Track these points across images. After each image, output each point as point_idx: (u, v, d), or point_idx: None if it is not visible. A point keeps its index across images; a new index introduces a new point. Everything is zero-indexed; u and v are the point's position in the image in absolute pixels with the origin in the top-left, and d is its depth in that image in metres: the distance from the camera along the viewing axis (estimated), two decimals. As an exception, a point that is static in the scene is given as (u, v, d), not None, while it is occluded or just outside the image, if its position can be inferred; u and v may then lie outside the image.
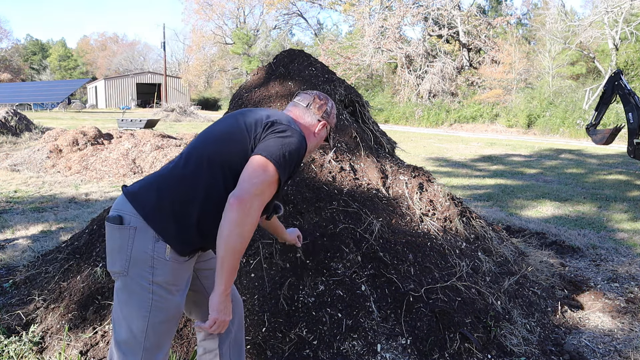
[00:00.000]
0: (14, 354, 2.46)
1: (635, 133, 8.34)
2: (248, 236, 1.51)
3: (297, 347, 2.30)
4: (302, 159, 1.67)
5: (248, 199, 1.49)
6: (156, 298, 1.57)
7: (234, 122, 1.69)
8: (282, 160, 1.56)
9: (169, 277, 1.58)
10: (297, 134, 1.64)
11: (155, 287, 1.56)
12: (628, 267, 4.08)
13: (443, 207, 3.32)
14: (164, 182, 1.63)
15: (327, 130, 1.87)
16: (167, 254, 1.55)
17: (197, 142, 1.70)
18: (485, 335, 2.57)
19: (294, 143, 1.60)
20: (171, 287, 1.59)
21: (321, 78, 3.66)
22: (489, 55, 25.63)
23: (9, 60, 53.41)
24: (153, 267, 1.55)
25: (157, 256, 1.55)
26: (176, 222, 1.57)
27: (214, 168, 1.61)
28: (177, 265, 1.59)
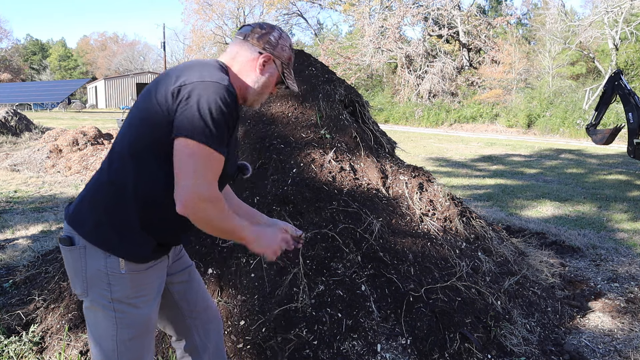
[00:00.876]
0: (14, 354, 2.46)
1: (635, 133, 8.34)
2: (220, 218, 1.38)
3: (297, 347, 2.30)
4: (234, 106, 1.38)
5: (190, 197, 1.33)
6: (119, 315, 1.46)
7: (148, 100, 1.42)
8: (207, 130, 1.32)
9: (129, 291, 1.46)
10: (209, 88, 1.34)
11: (115, 304, 1.45)
12: (628, 267, 4.08)
13: (443, 207, 3.32)
14: (94, 193, 1.48)
15: (278, 67, 1.54)
16: (122, 267, 1.43)
17: (117, 137, 1.50)
18: (485, 335, 2.57)
19: (211, 101, 1.33)
20: (134, 301, 1.47)
21: (321, 78, 3.66)
22: (489, 55, 25.63)
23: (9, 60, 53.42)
24: (110, 284, 1.44)
25: (111, 272, 1.43)
26: (119, 232, 1.43)
27: (139, 160, 1.42)
28: (137, 275, 1.46)
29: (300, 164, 3.06)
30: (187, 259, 1.77)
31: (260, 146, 3.18)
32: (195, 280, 1.77)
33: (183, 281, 1.71)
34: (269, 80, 1.54)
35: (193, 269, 1.78)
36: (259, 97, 1.56)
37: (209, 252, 2.72)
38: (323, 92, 3.53)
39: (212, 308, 1.81)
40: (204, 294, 1.79)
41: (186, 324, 1.74)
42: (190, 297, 1.73)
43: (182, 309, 1.72)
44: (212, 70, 1.41)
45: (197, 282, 1.77)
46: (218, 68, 1.44)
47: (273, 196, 2.86)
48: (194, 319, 1.74)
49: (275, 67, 1.54)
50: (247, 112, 3.56)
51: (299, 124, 3.35)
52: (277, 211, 2.80)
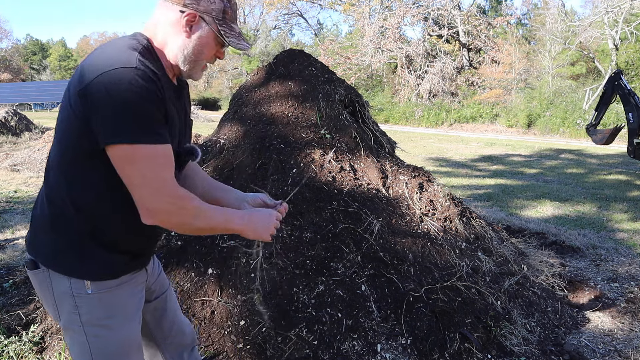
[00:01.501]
0: (14, 354, 2.46)
1: (635, 133, 8.34)
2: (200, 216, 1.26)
3: (297, 347, 2.30)
4: (152, 86, 1.17)
5: (152, 207, 1.20)
6: (92, 340, 1.33)
7: (65, 107, 1.24)
8: (132, 127, 1.14)
9: (99, 312, 1.32)
10: (114, 77, 1.12)
11: (86, 327, 1.32)
12: (628, 267, 4.08)
13: (443, 207, 3.32)
14: (41, 213, 1.33)
15: (211, 24, 1.29)
16: (88, 287, 1.29)
17: (51, 147, 1.33)
18: (485, 335, 2.57)
19: (122, 92, 1.12)
20: (106, 322, 1.33)
21: (321, 78, 3.66)
22: (489, 55, 25.63)
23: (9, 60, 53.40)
24: (77, 306, 1.30)
25: (76, 293, 1.29)
26: (75, 251, 1.28)
27: (70, 173, 1.26)
28: (107, 295, 1.32)
29: (300, 164, 3.06)
30: (165, 280, 1.64)
31: (260, 146, 3.18)
32: (171, 306, 1.65)
33: (158, 308, 1.59)
34: (201, 43, 1.29)
35: (169, 293, 1.65)
36: (195, 65, 1.32)
37: (209, 252, 2.72)
38: (323, 92, 3.53)
39: (187, 333, 1.70)
40: (180, 318, 1.69)
41: (160, 348, 1.65)
42: (165, 325, 1.63)
43: (156, 336, 1.62)
44: (116, 53, 1.18)
45: (172, 309, 1.65)
46: (126, 47, 1.20)
47: (273, 196, 2.86)
48: (169, 344, 1.65)
49: (207, 25, 1.28)
50: (247, 112, 3.56)
51: (299, 124, 3.35)
52: (277, 211, 2.80)
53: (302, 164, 3.07)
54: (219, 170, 3.17)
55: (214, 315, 2.47)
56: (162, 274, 1.65)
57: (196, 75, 1.35)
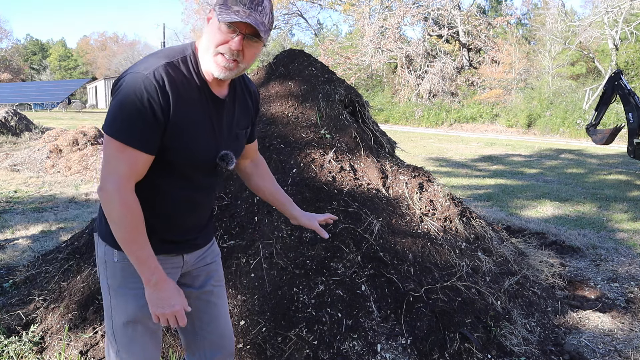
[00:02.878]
0: (14, 354, 2.46)
1: (635, 133, 8.34)
2: (123, 221, 1.32)
3: (297, 347, 2.30)
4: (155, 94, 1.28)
5: (102, 184, 1.33)
6: (113, 302, 1.51)
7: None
8: (116, 124, 1.29)
9: (119, 280, 1.48)
10: (129, 80, 1.29)
11: (111, 290, 1.50)
12: (628, 267, 4.08)
13: (443, 207, 3.32)
14: None
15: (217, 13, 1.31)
16: (115, 256, 1.47)
17: None
18: (485, 335, 2.57)
19: (126, 94, 1.27)
20: (123, 290, 1.48)
21: (321, 78, 3.66)
22: (489, 55, 25.62)
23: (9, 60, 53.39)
24: (106, 270, 1.50)
25: (108, 259, 1.49)
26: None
27: None
28: (128, 266, 1.44)
29: (300, 164, 3.06)
30: (217, 275, 1.71)
31: (260, 146, 3.19)
32: (217, 302, 1.70)
33: (202, 298, 1.66)
34: (208, 32, 1.34)
35: (220, 290, 1.71)
36: (207, 59, 1.35)
37: (209, 252, 2.72)
38: (323, 92, 3.53)
39: (227, 337, 1.73)
40: (223, 320, 1.72)
41: (195, 338, 1.70)
42: (205, 318, 1.68)
43: (194, 324, 1.67)
44: (150, 59, 1.34)
45: (217, 304, 1.70)
46: (162, 55, 1.35)
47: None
48: (204, 338, 1.69)
49: (216, 16, 1.32)
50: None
51: (299, 124, 3.35)
52: (277, 211, 2.80)
53: (302, 164, 3.07)
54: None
55: (214, 315, 2.47)
56: (217, 267, 1.71)
57: (210, 65, 1.35)
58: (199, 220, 1.58)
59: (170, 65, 1.33)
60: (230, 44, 1.31)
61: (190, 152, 1.39)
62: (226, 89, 1.47)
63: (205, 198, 1.56)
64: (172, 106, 1.31)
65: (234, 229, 2.80)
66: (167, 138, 1.34)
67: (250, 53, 1.35)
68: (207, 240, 1.66)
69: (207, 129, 1.42)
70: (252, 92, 1.61)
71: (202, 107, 1.40)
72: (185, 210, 1.50)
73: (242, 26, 1.30)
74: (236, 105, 1.52)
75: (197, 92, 1.38)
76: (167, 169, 1.40)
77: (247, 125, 1.60)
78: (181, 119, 1.34)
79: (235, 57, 1.33)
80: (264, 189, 1.78)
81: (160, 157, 1.36)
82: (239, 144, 1.57)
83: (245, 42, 1.32)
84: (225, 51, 1.32)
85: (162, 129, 1.32)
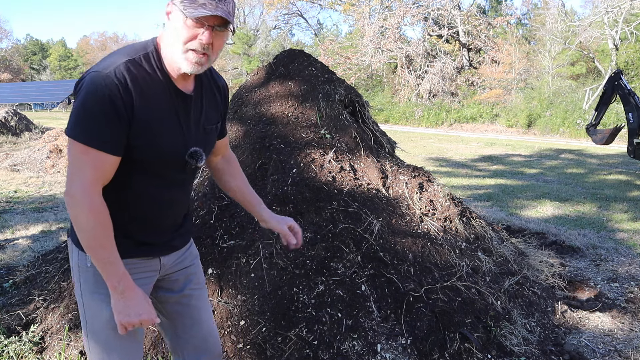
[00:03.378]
0: (14, 354, 2.46)
1: (635, 133, 8.33)
2: (89, 227, 1.29)
3: (297, 347, 2.30)
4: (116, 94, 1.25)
5: (67, 189, 1.29)
6: (86, 309, 1.47)
7: None
8: (78, 127, 1.26)
9: (92, 287, 1.44)
10: (89, 79, 1.26)
11: (84, 296, 1.46)
12: (628, 267, 4.08)
13: (443, 207, 3.32)
14: None
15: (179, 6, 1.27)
16: (88, 261, 1.42)
17: None
18: (485, 335, 2.57)
19: (86, 94, 1.24)
20: (97, 296, 1.44)
21: (321, 78, 3.66)
22: (489, 55, 25.62)
23: (9, 60, 53.39)
24: (80, 275, 1.46)
25: (81, 264, 1.45)
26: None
27: None
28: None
29: (300, 164, 3.06)
30: (197, 278, 1.67)
31: (260, 146, 3.18)
32: (198, 305, 1.66)
33: (182, 302, 1.62)
34: (173, 28, 1.30)
35: (200, 293, 1.68)
36: (175, 54, 1.32)
37: (209, 252, 2.72)
38: (323, 92, 3.53)
39: (211, 340, 1.69)
40: (207, 326, 1.68)
41: (179, 342, 1.67)
42: (187, 322, 1.65)
43: (177, 328, 1.65)
44: (110, 58, 1.31)
45: (198, 307, 1.66)
46: (124, 52, 1.33)
47: (273, 196, 2.86)
48: (187, 342, 1.66)
49: (177, 9, 1.28)
50: (247, 112, 3.56)
51: (299, 124, 3.35)
52: (277, 211, 2.80)
53: (302, 164, 3.07)
54: (219, 170, 3.16)
55: (214, 315, 2.47)
56: (196, 270, 1.67)
57: (180, 63, 1.32)
58: (175, 219, 1.55)
59: (131, 63, 1.30)
60: (201, 39, 1.29)
61: (158, 150, 1.36)
62: (192, 84, 1.44)
63: (179, 195, 1.52)
64: (136, 104, 1.29)
65: (234, 229, 2.80)
66: (133, 136, 1.31)
67: (218, 43, 1.34)
68: (184, 241, 1.62)
69: (174, 126, 1.39)
70: (220, 86, 1.57)
71: (167, 103, 1.37)
72: (159, 209, 1.47)
73: (211, 19, 1.28)
74: (204, 99, 1.49)
75: (161, 88, 1.35)
76: (138, 167, 1.37)
77: (217, 120, 1.56)
78: (146, 116, 1.31)
79: (205, 51, 1.31)
80: (235, 188, 1.73)
81: (129, 156, 1.33)
82: (208, 140, 1.53)
83: (214, 34, 1.31)
84: (195, 46, 1.30)
85: (126, 128, 1.29)
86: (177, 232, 1.58)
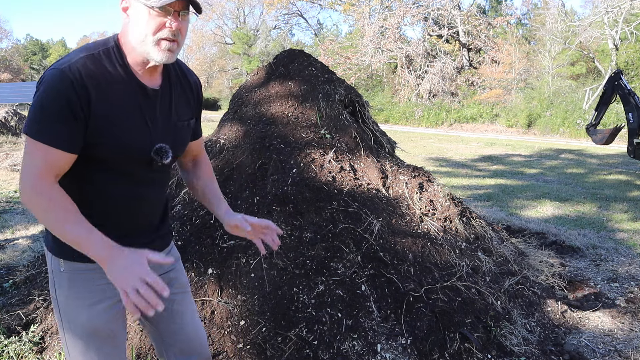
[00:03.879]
0: (14, 354, 2.46)
1: (635, 133, 8.33)
2: (48, 212, 1.25)
3: (297, 347, 2.30)
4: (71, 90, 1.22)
5: (20, 186, 1.27)
6: (64, 313, 1.43)
7: None
8: (33, 123, 1.24)
9: (67, 291, 1.41)
10: (45, 77, 1.25)
11: (60, 304, 1.43)
12: (628, 267, 4.08)
13: (443, 207, 3.32)
14: None
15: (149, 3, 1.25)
16: (61, 266, 1.40)
17: None
18: (485, 335, 2.57)
19: (41, 91, 1.24)
20: (72, 302, 1.41)
21: (321, 78, 3.66)
22: (489, 55, 25.63)
23: (9, 60, 53.36)
24: (54, 280, 1.43)
25: (54, 269, 1.43)
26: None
27: None
28: (76, 276, 1.40)
29: (300, 164, 3.06)
30: (180, 282, 1.61)
31: (260, 146, 3.18)
32: (181, 309, 1.61)
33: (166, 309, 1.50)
34: (140, 21, 1.27)
35: (183, 298, 1.63)
36: (144, 45, 1.29)
37: (209, 252, 2.72)
38: (323, 92, 3.53)
39: (197, 344, 1.64)
40: (192, 330, 1.64)
41: (165, 346, 1.63)
42: (171, 326, 1.60)
43: (162, 333, 1.61)
44: (70, 55, 1.30)
45: (181, 312, 1.61)
46: (83, 49, 1.31)
47: (273, 196, 2.86)
48: (172, 346, 1.62)
49: (140, 4, 1.27)
50: (247, 112, 3.56)
51: (299, 124, 3.35)
52: (277, 211, 2.80)
53: (302, 164, 3.07)
54: (219, 170, 3.17)
55: (214, 315, 2.47)
56: (177, 275, 1.62)
57: (152, 54, 1.30)
58: (149, 219, 1.50)
59: (89, 58, 1.27)
60: (170, 25, 1.28)
61: (122, 147, 1.32)
62: (159, 78, 1.40)
63: (152, 193, 1.47)
64: (93, 100, 1.25)
65: (234, 229, 2.80)
66: (93, 134, 1.27)
67: (184, 27, 1.32)
68: (162, 245, 1.57)
69: (138, 122, 1.35)
70: (191, 82, 1.53)
71: (129, 99, 1.33)
72: (131, 209, 1.42)
73: (176, 4, 1.27)
74: (173, 94, 1.45)
75: (122, 84, 1.32)
76: (102, 165, 1.33)
77: (189, 116, 1.51)
78: (104, 112, 1.28)
79: (175, 37, 1.30)
80: (197, 187, 1.66)
81: (93, 154, 1.30)
82: (179, 137, 1.48)
83: (180, 18, 1.30)
84: (166, 35, 1.28)
85: (82, 124, 1.26)
86: (155, 234, 1.53)
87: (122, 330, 1.51)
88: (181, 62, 1.52)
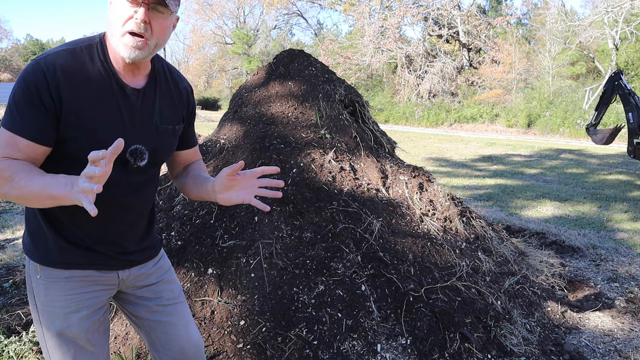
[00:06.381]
0: (14, 354, 2.46)
1: (635, 133, 8.34)
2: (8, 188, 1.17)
3: (297, 347, 2.30)
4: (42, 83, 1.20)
5: None
6: (42, 318, 1.41)
7: None
8: (7, 113, 1.23)
9: (43, 297, 1.38)
10: (25, 68, 1.24)
11: (39, 310, 1.41)
12: (628, 267, 4.08)
13: (443, 207, 3.32)
14: None
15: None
16: (37, 272, 1.38)
17: None
18: (485, 335, 2.57)
19: (16, 83, 1.23)
20: (49, 309, 1.39)
21: (321, 78, 3.66)
22: (489, 55, 25.63)
23: (9, 60, 53.39)
24: (32, 286, 1.41)
25: (32, 275, 1.40)
26: (32, 235, 1.40)
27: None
28: (52, 284, 1.37)
29: (300, 164, 3.06)
30: (170, 292, 1.57)
31: (260, 146, 3.18)
32: (173, 320, 1.57)
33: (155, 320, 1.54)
34: (112, 14, 1.25)
35: (177, 308, 1.58)
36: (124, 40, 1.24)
37: (209, 252, 2.72)
38: (323, 92, 3.53)
39: (190, 352, 1.59)
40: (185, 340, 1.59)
41: (158, 354, 1.60)
42: (162, 336, 1.57)
43: (154, 342, 1.58)
44: (52, 49, 1.28)
45: (173, 323, 1.57)
46: (67, 44, 1.30)
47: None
48: (165, 355, 1.59)
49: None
50: (247, 112, 3.56)
51: (299, 124, 3.35)
52: (277, 211, 2.80)
53: (302, 164, 3.07)
54: (218, 170, 3.17)
55: (214, 315, 2.47)
56: (167, 287, 1.58)
57: (119, 48, 1.25)
58: (132, 226, 1.44)
59: (70, 52, 1.26)
60: (136, 17, 1.21)
61: (95, 144, 1.22)
62: (143, 79, 1.36)
63: (132, 198, 1.40)
64: (64, 93, 1.22)
65: (234, 229, 2.80)
66: (65, 127, 1.24)
67: (159, 26, 1.25)
68: (149, 255, 1.52)
69: (114, 120, 1.30)
70: (181, 89, 1.47)
71: (106, 96, 1.29)
72: (111, 214, 1.37)
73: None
74: (157, 97, 1.39)
75: (100, 81, 1.28)
76: (77, 164, 1.21)
77: (175, 122, 1.45)
78: (78, 107, 1.24)
79: (143, 31, 1.22)
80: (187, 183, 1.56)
81: (66, 150, 1.27)
82: (162, 141, 1.42)
83: (152, 14, 1.23)
84: (132, 27, 1.22)
85: (52, 116, 1.22)
86: (141, 244, 1.49)
87: (102, 340, 1.47)
88: (173, 67, 1.49)
